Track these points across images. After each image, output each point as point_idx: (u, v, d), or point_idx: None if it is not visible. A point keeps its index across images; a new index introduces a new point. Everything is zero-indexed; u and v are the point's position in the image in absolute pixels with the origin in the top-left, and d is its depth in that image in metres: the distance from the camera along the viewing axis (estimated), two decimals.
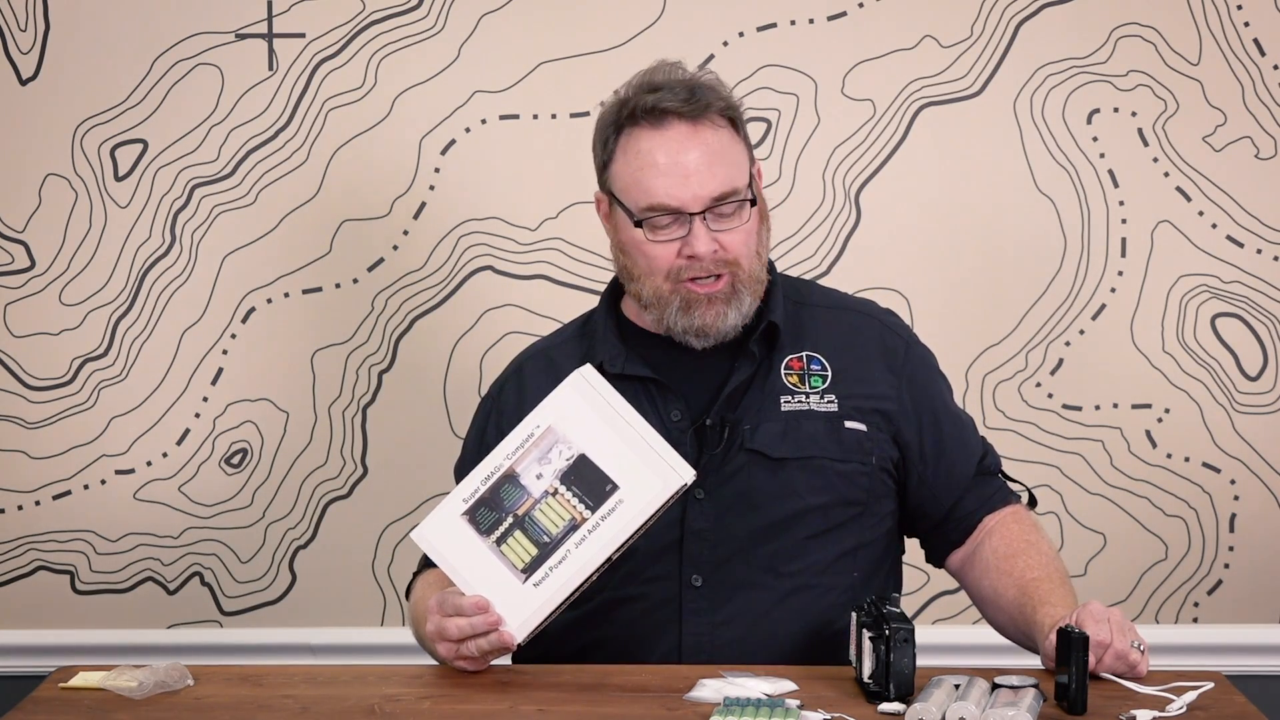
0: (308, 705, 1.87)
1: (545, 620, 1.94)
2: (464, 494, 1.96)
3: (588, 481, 1.91)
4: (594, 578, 1.93)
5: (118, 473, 2.95)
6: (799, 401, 2.11)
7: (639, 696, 1.86)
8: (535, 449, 1.94)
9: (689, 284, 2.07)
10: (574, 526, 1.91)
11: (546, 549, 1.92)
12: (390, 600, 2.93)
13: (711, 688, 1.85)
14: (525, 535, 1.93)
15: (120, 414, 2.94)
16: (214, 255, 2.91)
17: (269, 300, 2.92)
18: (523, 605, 1.92)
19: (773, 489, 2.08)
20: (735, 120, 2.10)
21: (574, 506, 1.92)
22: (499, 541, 1.93)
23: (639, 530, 1.91)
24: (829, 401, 2.11)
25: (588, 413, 1.92)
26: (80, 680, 1.96)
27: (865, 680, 1.84)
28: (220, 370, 2.93)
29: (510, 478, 1.94)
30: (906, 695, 1.80)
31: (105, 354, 2.93)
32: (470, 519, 1.95)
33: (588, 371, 1.96)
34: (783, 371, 2.12)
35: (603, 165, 2.12)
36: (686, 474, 1.90)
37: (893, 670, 1.79)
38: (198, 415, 2.94)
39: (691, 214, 2.04)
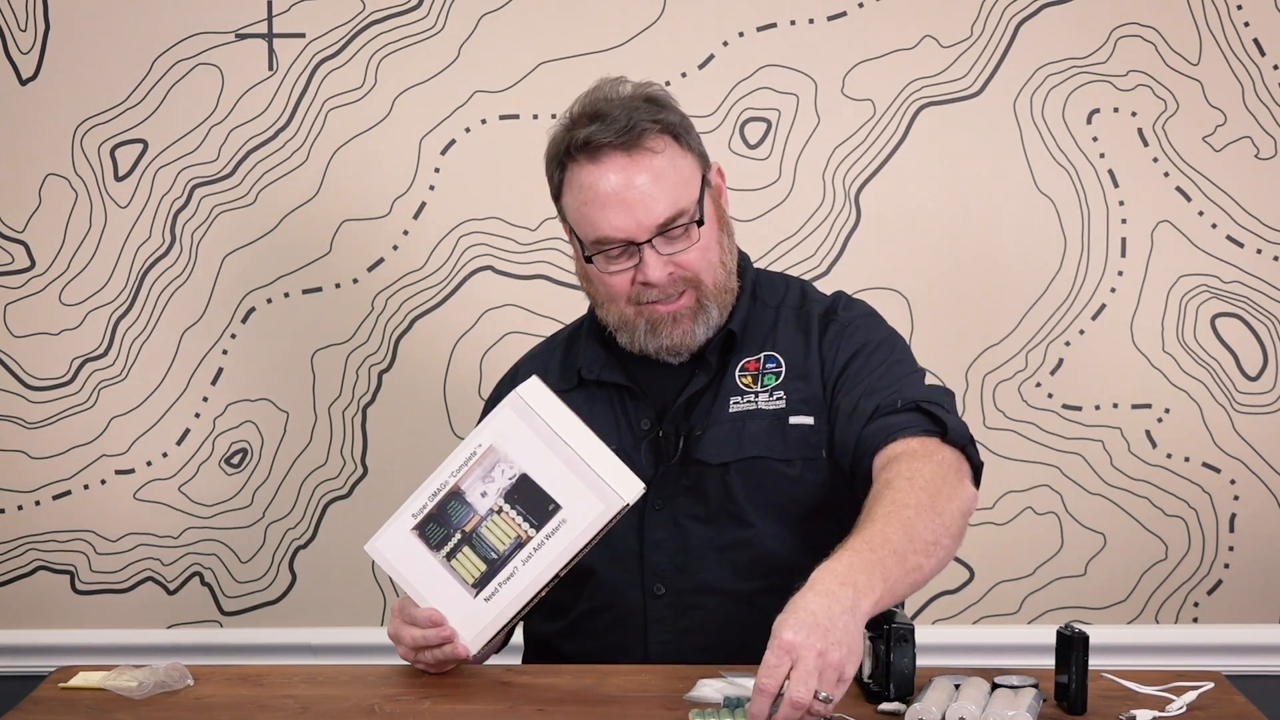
0: (308, 705, 1.87)
1: (499, 632, 1.96)
2: (413, 509, 1.98)
3: (530, 501, 1.93)
4: (544, 592, 1.94)
5: (118, 473, 2.95)
6: (748, 402, 2.10)
7: (639, 696, 1.87)
8: (478, 468, 1.95)
9: (651, 306, 2.07)
10: (520, 544, 1.93)
11: (495, 565, 1.94)
12: (390, 600, 2.93)
13: (712, 688, 1.85)
14: (473, 551, 1.95)
15: (120, 414, 2.94)
16: (214, 255, 2.91)
17: (269, 300, 2.92)
18: (475, 619, 1.94)
19: (720, 494, 2.08)
20: (677, 135, 2.08)
21: (519, 525, 1.93)
22: (449, 556, 1.96)
23: (586, 547, 1.93)
24: (777, 398, 2.10)
25: (527, 432, 1.94)
26: (80, 680, 1.96)
27: (865, 680, 1.84)
28: (220, 370, 2.93)
29: (456, 495, 1.96)
30: (906, 695, 1.80)
31: (105, 354, 2.93)
32: (420, 534, 1.97)
33: (527, 390, 1.97)
34: (737, 374, 2.12)
35: (555, 196, 2.13)
36: (629, 494, 1.91)
37: (893, 670, 1.80)
38: (198, 415, 2.94)
39: (640, 243, 2.04)
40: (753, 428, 2.09)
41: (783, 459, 2.08)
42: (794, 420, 2.09)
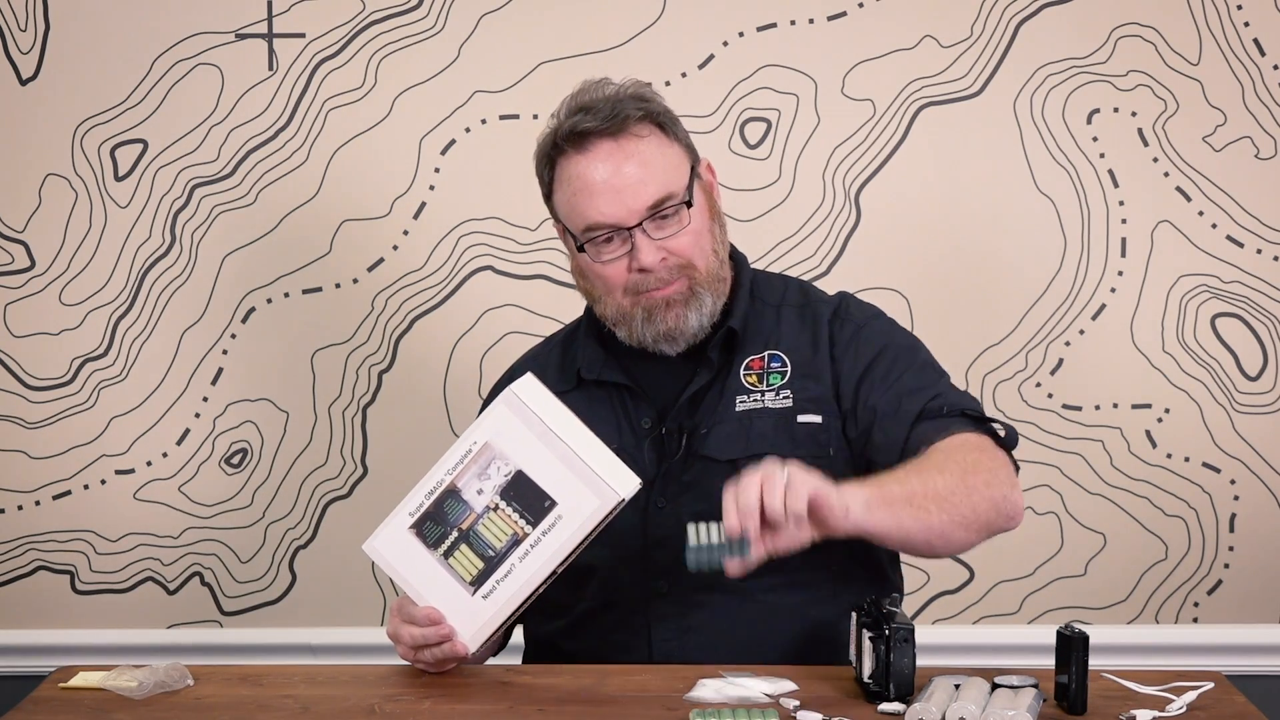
0: (308, 705, 1.87)
1: (497, 630, 1.96)
2: (410, 508, 1.98)
3: (527, 498, 1.93)
4: (542, 589, 1.95)
5: (118, 473, 2.95)
6: (754, 400, 2.11)
7: (639, 696, 1.87)
8: (474, 465, 1.95)
9: (646, 294, 2.08)
10: (516, 541, 1.94)
11: (492, 562, 1.94)
12: (390, 600, 2.93)
13: (711, 688, 1.86)
14: (471, 549, 1.95)
15: (120, 414, 2.94)
16: (214, 255, 2.91)
17: (269, 300, 2.92)
18: (474, 617, 1.94)
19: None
20: (663, 124, 2.09)
21: (515, 522, 1.94)
22: (446, 554, 1.96)
23: (583, 543, 1.93)
24: (784, 397, 2.11)
25: (522, 429, 1.94)
26: (80, 680, 1.96)
27: (865, 680, 1.84)
28: (220, 370, 2.93)
29: (452, 493, 1.96)
30: (906, 695, 1.80)
31: (105, 354, 2.93)
32: (417, 532, 1.97)
33: (521, 387, 1.97)
34: (742, 372, 2.12)
35: (546, 197, 2.14)
36: (625, 489, 1.91)
37: (893, 670, 1.79)
38: (198, 415, 2.94)
39: (630, 228, 2.05)
40: (760, 425, 2.09)
41: (790, 457, 2.08)
42: (801, 419, 2.10)
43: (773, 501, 1.79)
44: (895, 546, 2.06)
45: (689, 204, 2.07)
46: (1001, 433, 2.07)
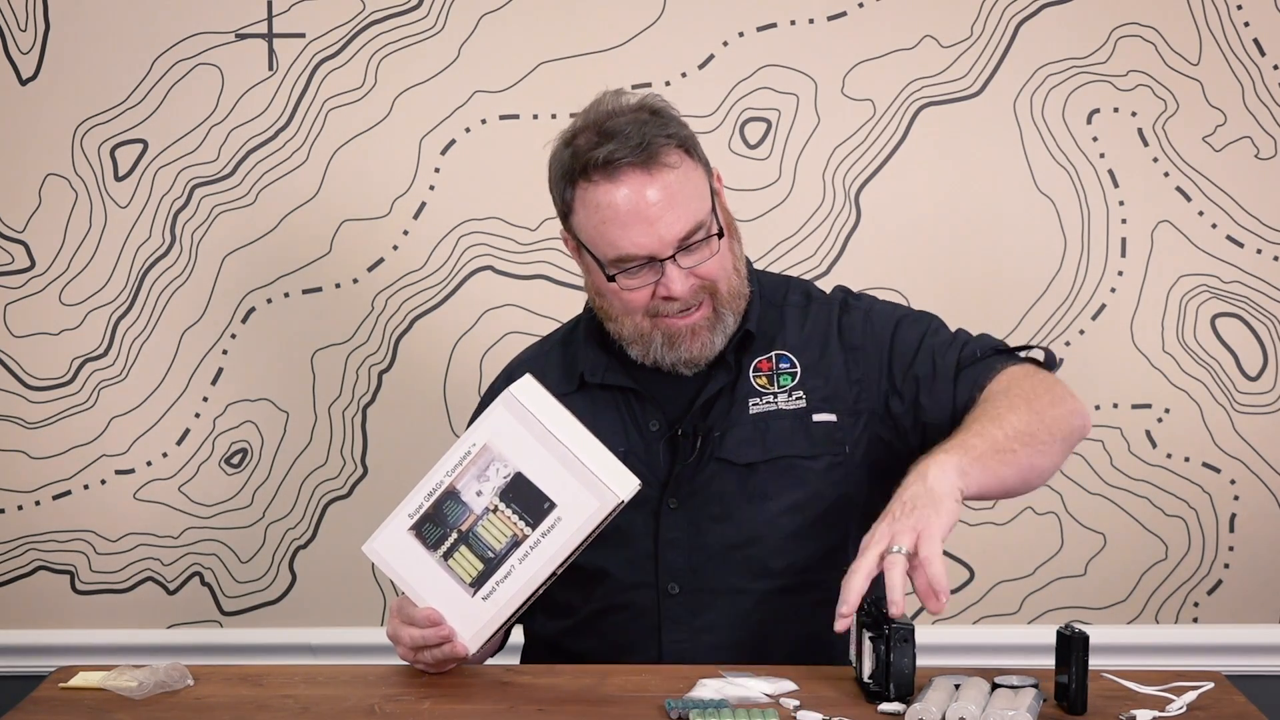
0: (308, 705, 1.87)
1: (497, 630, 1.96)
2: (409, 509, 1.98)
3: (526, 499, 1.93)
4: (541, 590, 1.95)
5: (118, 473, 2.95)
6: (767, 402, 2.10)
7: (639, 696, 1.87)
8: (473, 467, 1.95)
9: (667, 320, 2.07)
10: (516, 542, 1.93)
11: (492, 564, 1.94)
12: (390, 600, 2.93)
13: (711, 688, 1.85)
14: (470, 550, 1.95)
15: (120, 414, 2.94)
16: (214, 255, 2.91)
17: (269, 300, 2.92)
18: (474, 617, 1.95)
19: (744, 494, 2.08)
20: (688, 147, 2.07)
21: (515, 523, 1.94)
22: (446, 556, 1.96)
23: (582, 544, 1.93)
24: (797, 398, 2.10)
25: (521, 431, 1.94)
26: (80, 680, 1.96)
27: (865, 680, 1.84)
28: (220, 370, 2.93)
29: (452, 494, 1.96)
30: (906, 695, 1.80)
31: (105, 354, 2.93)
32: (417, 534, 1.97)
33: (520, 389, 1.97)
34: (751, 374, 2.12)
35: (563, 214, 2.10)
36: (624, 491, 1.91)
37: (893, 670, 1.79)
38: (198, 415, 2.94)
39: (662, 259, 2.03)
40: (776, 427, 2.09)
41: (809, 456, 2.08)
42: (817, 418, 2.10)
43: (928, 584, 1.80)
44: (996, 497, 2.06)
45: (720, 234, 2.06)
46: (1041, 358, 2.10)
